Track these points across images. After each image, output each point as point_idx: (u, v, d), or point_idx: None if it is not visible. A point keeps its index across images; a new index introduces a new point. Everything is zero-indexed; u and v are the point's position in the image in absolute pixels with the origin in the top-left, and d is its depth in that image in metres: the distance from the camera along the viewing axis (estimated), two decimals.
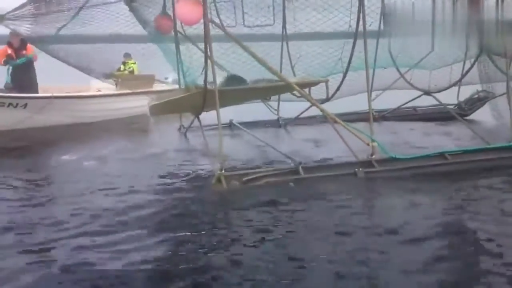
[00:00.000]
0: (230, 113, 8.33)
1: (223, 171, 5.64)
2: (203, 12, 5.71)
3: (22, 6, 6.44)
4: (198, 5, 5.74)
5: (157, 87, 10.28)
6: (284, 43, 8.32)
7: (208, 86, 6.15)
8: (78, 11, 6.37)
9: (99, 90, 10.15)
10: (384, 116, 9.27)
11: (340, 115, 6.93)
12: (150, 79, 10.14)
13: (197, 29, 6.74)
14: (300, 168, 5.80)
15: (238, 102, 7.40)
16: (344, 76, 6.80)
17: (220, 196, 5.47)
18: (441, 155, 6.17)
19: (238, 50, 6.54)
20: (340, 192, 5.40)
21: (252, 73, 6.90)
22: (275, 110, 9.36)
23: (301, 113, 8.56)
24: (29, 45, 8.78)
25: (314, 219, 4.67)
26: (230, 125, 8.80)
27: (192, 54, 7.18)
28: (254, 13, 6.80)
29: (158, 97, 7.28)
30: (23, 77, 8.87)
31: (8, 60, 8.93)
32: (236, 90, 6.44)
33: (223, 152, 5.84)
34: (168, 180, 6.06)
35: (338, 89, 7.00)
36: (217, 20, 6.28)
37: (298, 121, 9.12)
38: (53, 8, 6.47)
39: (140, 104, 9.35)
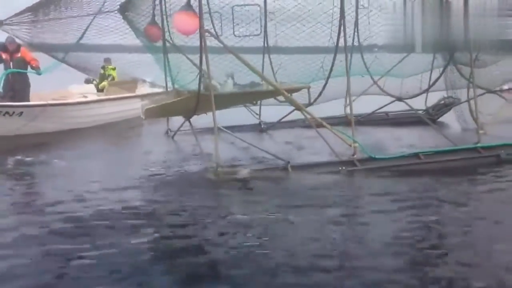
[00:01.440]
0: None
1: (218, 169, 6.12)
2: (199, 24, 6.16)
3: (21, 13, 6.71)
4: (194, 17, 6.18)
5: (140, 91, 10.58)
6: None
7: (202, 91, 6.60)
8: (90, 24, 6.68)
9: (85, 96, 10.39)
10: (359, 120, 9.86)
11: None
12: (134, 84, 10.46)
13: (185, 38, 7.29)
14: (289, 166, 6.31)
15: (229, 106, 7.86)
16: (326, 83, 7.34)
17: (216, 192, 5.91)
18: (416, 155, 6.79)
19: (228, 57, 7.02)
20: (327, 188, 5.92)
21: (238, 79, 7.38)
22: (257, 114, 9.85)
23: (284, 117, 9.10)
24: (23, 49, 8.84)
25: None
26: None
27: (181, 61, 7.63)
28: (244, 24, 7.26)
29: (151, 101, 7.64)
30: (18, 84, 8.94)
31: (5, 66, 9.00)
32: (229, 95, 6.88)
33: (219, 151, 6.28)
34: (165, 178, 6.45)
35: (320, 94, 7.54)
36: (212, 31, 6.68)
37: (279, 125, 9.65)
38: (50, 16, 6.74)
39: (127, 108, 9.74)
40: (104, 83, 10.90)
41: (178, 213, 5.09)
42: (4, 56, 8.96)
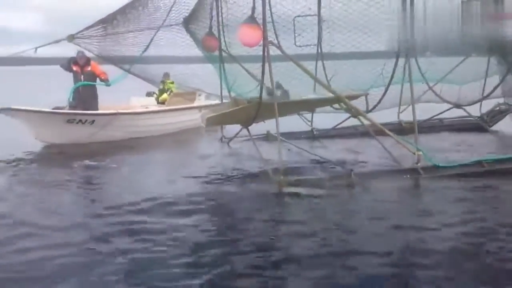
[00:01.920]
0: (263, 125, 8.89)
1: (281, 177, 6.20)
2: (263, 36, 6.30)
3: (90, 27, 7.02)
4: (258, 29, 6.32)
5: (198, 102, 10.95)
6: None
7: (264, 100, 6.73)
8: (152, 39, 6.95)
9: (147, 107, 10.79)
10: (413, 127, 9.77)
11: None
12: (193, 96, 10.84)
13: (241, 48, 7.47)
14: (352, 174, 6.34)
15: (288, 114, 7.96)
16: (386, 90, 7.33)
17: (279, 198, 5.98)
18: (479, 163, 6.70)
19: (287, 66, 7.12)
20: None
21: (293, 87, 7.46)
22: (309, 121, 9.90)
23: (339, 124, 9.12)
24: (92, 62, 9.33)
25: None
26: (267, 136, 9.35)
27: (239, 71, 7.80)
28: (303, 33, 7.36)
29: (211, 110, 7.83)
30: (88, 95, 9.41)
31: (75, 79, 9.45)
32: (289, 103, 6.97)
33: (282, 158, 6.38)
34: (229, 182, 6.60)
35: (379, 101, 7.54)
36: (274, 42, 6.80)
37: (332, 132, 9.68)
38: (119, 29, 7.03)
39: (188, 118, 10.21)
40: (164, 95, 11.36)
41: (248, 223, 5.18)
42: (75, 69, 9.44)
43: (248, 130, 7.88)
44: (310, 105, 7.67)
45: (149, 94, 11.86)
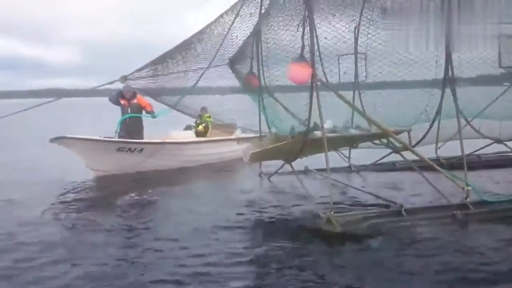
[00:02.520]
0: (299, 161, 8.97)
1: (332, 213, 6.21)
2: (312, 73, 6.48)
3: (141, 68, 7.32)
4: (307, 67, 6.51)
5: (236, 135, 11.27)
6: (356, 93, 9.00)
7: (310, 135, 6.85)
8: (199, 77, 7.24)
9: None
10: (452, 163, 9.75)
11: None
12: (232, 128, 11.14)
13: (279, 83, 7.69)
14: (402, 210, 6.34)
15: (334, 149, 8.06)
16: (431, 125, 7.37)
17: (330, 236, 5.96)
18: None
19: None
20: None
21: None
22: (346, 157, 9.95)
23: (380, 159, 9.17)
24: (139, 95, 9.75)
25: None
26: (305, 171, 9.42)
27: (279, 109, 7.98)
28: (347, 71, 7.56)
29: (254, 145, 7.97)
30: (134, 127, 9.81)
31: (123, 111, 9.87)
32: (337, 138, 7.06)
33: (333, 195, 6.42)
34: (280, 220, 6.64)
35: (423, 137, 7.58)
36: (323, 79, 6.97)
37: (369, 167, 9.72)
38: (169, 70, 7.32)
39: (227, 150, 10.69)
40: (200, 127, 11.73)
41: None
42: (122, 102, 9.88)
43: (291, 165, 7.96)
44: (356, 140, 7.75)
45: (188, 128, 12.22)
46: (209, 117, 11.57)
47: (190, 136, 11.49)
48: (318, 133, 6.96)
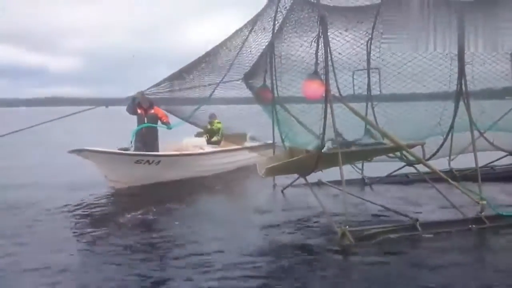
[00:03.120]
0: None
1: (347, 227, 6.27)
2: (326, 89, 6.58)
3: (159, 84, 7.47)
4: (321, 83, 6.61)
5: (247, 143, 11.41)
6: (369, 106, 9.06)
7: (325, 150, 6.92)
8: (214, 90, 7.39)
9: (202, 148, 11.32)
10: (465, 175, 9.75)
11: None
12: (243, 137, 11.25)
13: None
14: (417, 224, 6.39)
15: (349, 162, 8.12)
16: (445, 139, 7.42)
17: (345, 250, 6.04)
18: None
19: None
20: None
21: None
22: (359, 169, 10.00)
23: (393, 172, 9.21)
24: (156, 107, 9.85)
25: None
26: (319, 184, 9.48)
27: (294, 123, 8.07)
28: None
29: (268, 160, 8.06)
30: (150, 137, 9.94)
31: (139, 121, 9.97)
32: (352, 152, 7.12)
33: (347, 209, 6.48)
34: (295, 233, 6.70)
35: (438, 151, 7.61)
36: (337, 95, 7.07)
37: (382, 180, 9.75)
38: (186, 85, 7.46)
39: (239, 159, 11.10)
40: (215, 138, 11.97)
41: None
42: (140, 111, 9.99)
43: (305, 179, 8.03)
44: (370, 154, 7.81)
45: (198, 135, 12.38)
46: (219, 123, 11.72)
47: (203, 143, 11.72)
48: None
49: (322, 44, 6.47)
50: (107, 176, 9.12)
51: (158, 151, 9.94)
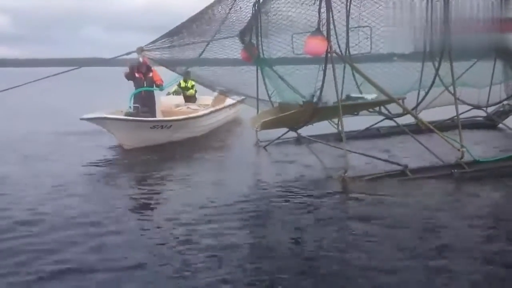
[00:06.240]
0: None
1: (346, 174, 6.93)
2: (328, 46, 6.98)
3: (158, 39, 7.52)
4: (323, 40, 6.98)
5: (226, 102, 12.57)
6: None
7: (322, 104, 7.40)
8: (208, 43, 7.59)
9: (189, 108, 12.16)
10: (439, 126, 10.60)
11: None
12: (224, 97, 11.82)
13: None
14: (407, 170, 7.12)
15: (335, 117, 8.65)
16: (426, 94, 8.12)
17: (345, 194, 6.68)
18: None
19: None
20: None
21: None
22: (335, 124, 10.58)
23: (371, 126, 9.90)
24: (154, 70, 10.05)
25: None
26: (298, 139, 10.01)
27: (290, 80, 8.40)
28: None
29: (263, 114, 8.43)
30: (149, 100, 10.27)
31: (138, 85, 10.12)
32: (346, 106, 7.61)
33: (347, 159, 7.09)
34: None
35: (418, 105, 8.32)
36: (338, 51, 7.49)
37: (356, 134, 10.41)
38: (185, 41, 7.56)
39: (225, 115, 12.72)
40: (191, 91, 12.93)
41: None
42: (138, 75, 10.17)
43: (297, 132, 8.51)
44: (363, 107, 8.37)
45: (168, 94, 13.09)
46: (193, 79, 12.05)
47: (181, 101, 12.58)
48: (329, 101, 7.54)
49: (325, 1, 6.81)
50: (121, 141, 9.40)
51: (156, 114, 10.54)
